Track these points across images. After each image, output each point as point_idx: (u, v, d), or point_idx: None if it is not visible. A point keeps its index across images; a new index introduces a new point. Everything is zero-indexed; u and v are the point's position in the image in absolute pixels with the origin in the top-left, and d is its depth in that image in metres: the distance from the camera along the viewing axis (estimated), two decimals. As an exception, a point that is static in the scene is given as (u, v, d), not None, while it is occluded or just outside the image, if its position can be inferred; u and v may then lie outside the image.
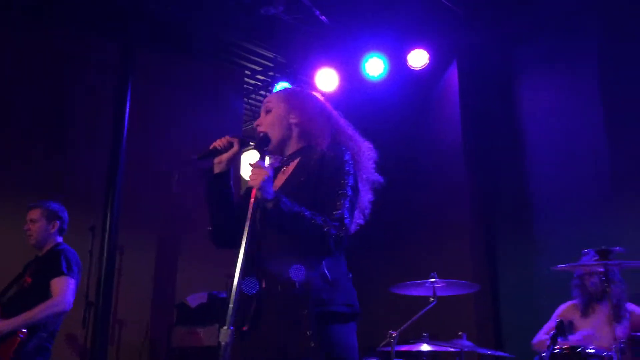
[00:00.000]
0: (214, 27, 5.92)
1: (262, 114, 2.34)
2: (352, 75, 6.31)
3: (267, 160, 2.16)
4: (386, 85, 6.27)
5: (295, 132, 2.29)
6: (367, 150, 2.42)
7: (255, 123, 2.35)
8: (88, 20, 5.53)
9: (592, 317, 4.00)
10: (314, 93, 2.45)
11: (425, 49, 5.86)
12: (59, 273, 3.80)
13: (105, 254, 4.93)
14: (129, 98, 5.42)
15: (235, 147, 2.23)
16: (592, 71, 5.29)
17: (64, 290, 3.77)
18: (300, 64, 6.46)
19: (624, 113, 5.06)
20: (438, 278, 3.98)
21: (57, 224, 4.03)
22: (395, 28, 5.95)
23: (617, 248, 3.34)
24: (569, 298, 4.18)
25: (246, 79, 6.88)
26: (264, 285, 2.04)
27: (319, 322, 1.97)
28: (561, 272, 3.95)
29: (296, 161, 2.25)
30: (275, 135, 2.27)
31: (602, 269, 3.41)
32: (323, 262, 2.05)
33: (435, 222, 5.90)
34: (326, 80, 6.27)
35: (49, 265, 3.86)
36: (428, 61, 5.87)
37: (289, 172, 2.25)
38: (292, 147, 2.30)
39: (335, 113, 2.44)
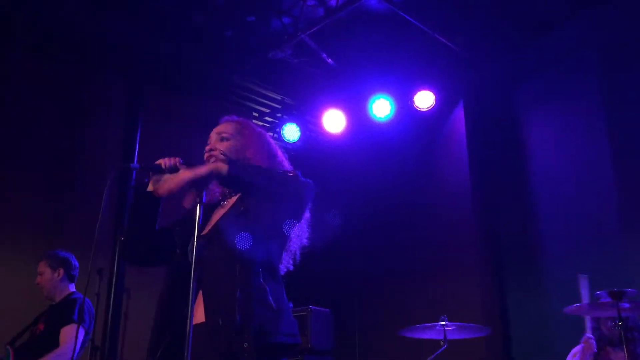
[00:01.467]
0: (222, 68, 6.02)
1: (215, 137, 2.34)
2: (359, 116, 6.36)
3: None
4: (393, 126, 6.32)
5: None
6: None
7: (207, 147, 2.32)
8: (97, 59, 5.63)
9: (606, 360, 3.91)
10: (262, 131, 2.48)
11: (431, 90, 5.91)
12: (69, 321, 3.80)
13: (112, 297, 4.90)
14: (138, 137, 5.47)
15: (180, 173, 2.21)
16: (596, 106, 5.31)
17: (71, 339, 3.76)
18: (308, 105, 6.53)
19: (631, 147, 5.04)
20: (448, 321, 3.92)
21: (62, 271, 4.04)
22: (401, 70, 6.04)
23: (630, 290, 3.28)
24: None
25: (254, 121, 6.95)
26: (203, 319, 1.98)
27: (259, 356, 1.90)
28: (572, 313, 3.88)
29: (238, 196, 2.24)
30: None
31: (615, 314, 3.34)
32: (268, 290, 2.00)
33: (443, 263, 5.84)
34: (333, 121, 6.32)
35: (62, 313, 3.86)
36: (434, 102, 5.91)
37: (229, 205, 2.23)
38: None
39: (280, 153, 2.45)
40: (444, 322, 3.94)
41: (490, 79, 6.04)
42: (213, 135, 2.35)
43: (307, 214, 2.31)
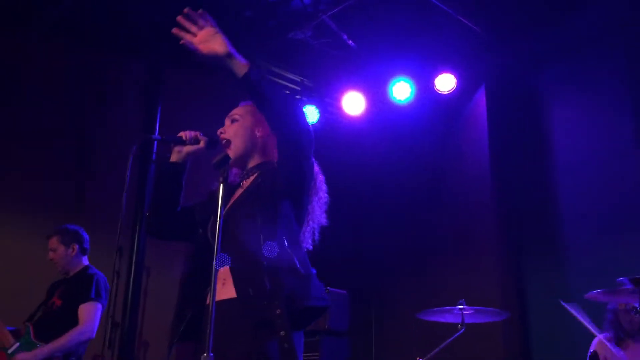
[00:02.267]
0: (241, 49, 5.98)
1: (227, 122, 2.37)
2: (379, 99, 6.31)
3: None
4: (413, 109, 6.26)
5: (259, 144, 2.32)
6: (320, 175, 2.38)
7: (218, 130, 2.36)
8: (117, 39, 5.64)
9: (626, 353, 3.86)
10: None
11: (452, 73, 5.84)
12: (88, 299, 3.87)
13: (132, 275, 4.96)
14: (158, 117, 5.50)
15: (201, 145, 2.28)
16: (622, 90, 5.21)
17: (91, 317, 3.84)
18: (327, 87, 6.49)
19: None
20: (466, 305, 3.91)
21: (76, 246, 4.08)
22: (422, 52, 5.96)
23: (654, 276, 3.24)
24: (602, 326, 4.06)
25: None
26: (233, 294, 2.01)
27: (292, 320, 1.94)
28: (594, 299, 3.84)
29: (255, 175, 2.27)
30: (238, 145, 2.30)
31: (636, 302, 3.29)
32: (294, 257, 2.04)
33: (462, 246, 5.82)
34: (353, 103, 6.28)
35: (79, 289, 3.92)
36: (455, 85, 5.84)
37: (247, 185, 2.27)
38: (254, 160, 2.32)
39: None
40: (462, 306, 3.93)
41: (512, 62, 5.94)
42: (226, 119, 2.40)
43: (323, 194, 2.32)
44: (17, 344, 3.83)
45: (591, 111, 5.49)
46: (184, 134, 2.25)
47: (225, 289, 2.06)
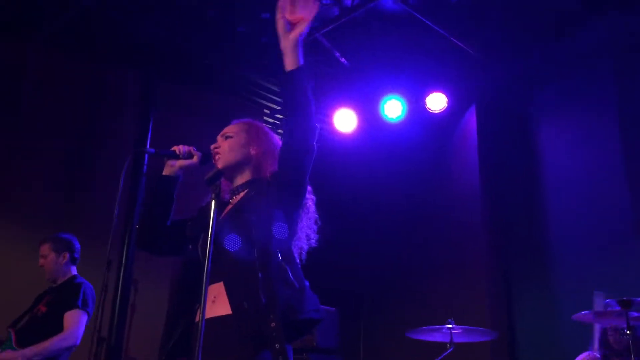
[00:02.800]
0: (235, 64, 6.03)
1: (220, 140, 2.38)
2: (370, 117, 6.35)
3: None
4: (404, 128, 6.30)
5: (251, 163, 2.33)
6: (312, 195, 2.39)
7: (212, 146, 2.36)
8: (111, 53, 5.65)
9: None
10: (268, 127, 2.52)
11: (443, 92, 5.89)
12: (74, 306, 3.84)
13: (120, 289, 4.92)
14: (150, 130, 5.50)
15: (194, 159, 2.29)
16: (611, 113, 5.27)
17: (76, 324, 3.81)
18: (320, 104, 6.52)
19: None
20: (455, 324, 3.91)
21: (67, 255, 4.07)
22: (414, 71, 6.02)
23: (640, 299, 3.26)
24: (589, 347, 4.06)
25: (265, 117, 6.95)
26: (227, 311, 2.00)
27: (287, 333, 1.93)
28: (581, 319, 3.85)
29: (244, 192, 2.28)
30: (231, 159, 2.30)
31: (624, 324, 3.31)
32: (288, 269, 2.04)
33: (451, 266, 5.83)
34: (345, 121, 6.31)
35: (66, 296, 3.89)
36: (446, 105, 5.89)
37: (236, 202, 2.27)
38: (243, 178, 2.32)
39: None
40: (450, 325, 3.93)
41: (503, 83, 6.01)
42: (219, 137, 2.40)
43: (313, 215, 2.33)
44: None
45: (580, 131, 5.54)
46: (178, 149, 2.26)
47: (215, 306, 2.05)
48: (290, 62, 2.15)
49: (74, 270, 4.09)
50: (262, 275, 1.98)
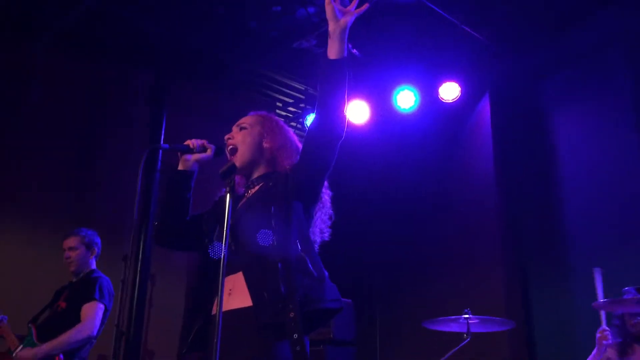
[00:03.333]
0: (246, 59, 6.04)
1: (235, 129, 2.38)
2: (383, 108, 6.32)
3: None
4: (417, 118, 6.28)
5: (265, 156, 2.32)
6: (328, 190, 2.38)
7: (226, 136, 2.36)
8: (122, 51, 5.68)
9: (633, 358, 3.85)
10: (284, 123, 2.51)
11: (456, 81, 5.85)
12: (91, 298, 3.88)
13: (137, 283, 4.97)
14: (164, 128, 5.52)
15: (208, 153, 2.29)
16: (625, 100, 5.22)
17: (92, 315, 3.84)
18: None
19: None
20: (472, 314, 3.90)
21: (96, 250, 4.13)
22: (426, 61, 5.98)
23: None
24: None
25: (277, 111, 6.96)
26: (247, 303, 2.01)
27: (307, 323, 1.94)
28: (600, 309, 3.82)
29: (260, 185, 2.28)
30: (245, 153, 2.30)
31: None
32: (307, 259, 2.04)
33: (467, 256, 5.81)
34: (357, 112, 6.30)
35: (83, 290, 3.94)
36: (459, 94, 5.85)
37: (251, 194, 2.27)
38: (259, 171, 2.33)
39: (299, 143, 2.45)
40: (467, 315, 3.92)
41: (517, 71, 5.95)
42: (234, 127, 2.40)
43: (328, 209, 2.33)
44: (21, 346, 3.86)
45: (594, 120, 5.49)
46: (191, 142, 2.28)
47: (232, 298, 2.06)
48: (335, 50, 2.15)
49: (93, 265, 4.15)
50: (282, 265, 1.98)
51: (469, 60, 5.89)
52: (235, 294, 2.06)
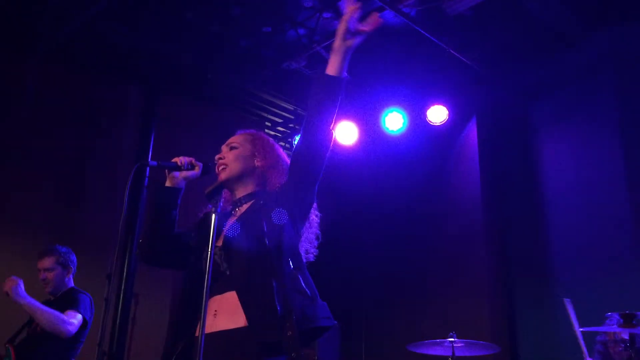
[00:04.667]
0: (236, 77, 6.06)
1: (225, 149, 2.38)
2: (371, 129, 6.36)
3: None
4: (405, 140, 6.31)
5: (256, 174, 2.33)
6: (316, 211, 2.37)
7: (217, 156, 2.36)
8: (113, 66, 5.68)
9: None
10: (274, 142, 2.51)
11: (444, 104, 5.91)
12: (71, 308, 3.79)
13: (120, 302, 4.91)
14: (152, 143, 5.51)
15: (196, 170, 2.28)
16: (612, 124, 5.28)
17: (71, 317, 3.75)
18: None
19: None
20: (457, 337, 3.89)
21: (72, 268, 4.04)
22: (414, 84, 6.04)
23: (642, 312, 3.24)
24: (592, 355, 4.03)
25: (267, 130, 6.98)
26: (241, 323, 1.99)
27: (302, 341, 1.93)
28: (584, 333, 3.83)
29: (249, 203, 2.27)
30: (235, 170, 2.30)
31: (626, 336, 3.30)
32: (300, 278, 2.04)
33: (453, 279, 5.81)
34: (346, 133, 6.33)
35: (64, 305, 3.83)
36: (447, 117, 5.91)
37: (241, 213, 2.26)
38: (246, 189, 2.32)
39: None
40: (452, 339, 3.91)
41: (504, 95, 6.02)
42: (223, 147, 2.40)
43: (315, 229, 2.33)
44: None
45: (581, 144, 5.54)
46: (179, 160, 2.27)
47: (218, 320, 2.04)
48: (336, 67, 2.16)
49: (71, 283, 4.06)
50: (277, 284, 1.98)
51: (457, 84, 5.96)
52: (222, 315, 2.04)
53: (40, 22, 5.05)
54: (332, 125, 2.14)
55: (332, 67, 2.16)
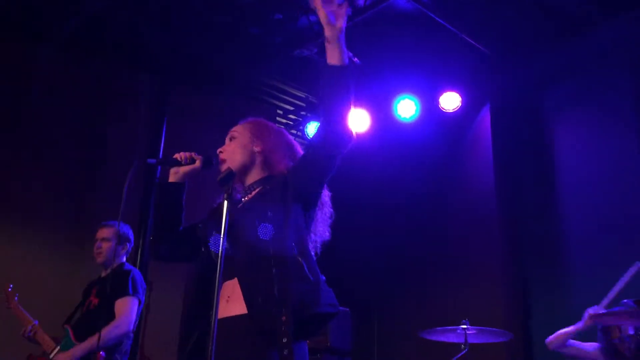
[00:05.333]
0: (247, 66, 6.05)
1: (227, 140, 2.38)
2: (384, 117, 6.33)
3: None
4: (418, 127, 6.28)
5: (258, 160, 2.32)
6: (326, 190, 2.36)
7: (218, 150, 2.36)
8: (124, 57, 5.69)
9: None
10: (277, 125, 2.50)
11: (457, 91, 5.86)
12: (124, 294, 3.81)
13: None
14: (164, 134, 5.52)
15: (197, 164, 2.29)
16: (628, 111, 5.21)
17: (127, 311, 3.79)
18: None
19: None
20: (470, 325, 3.88)
21: (127, 246, 4.11)
22: (427, 70, 5.99)
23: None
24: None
25: (278, 118, 6.97)
26: (243, 310, 1.99)
27: (302, 327, 1.93)
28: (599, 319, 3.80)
29: (257, 190, 2.27)
30: (236, 161, 2.30)
31: (632, 331, 3.24)
32: (304, 264, 2.02)
33: (466, 265, 5.80)
34: (358, 121, 6.30)
35: (115, 285, 3.86)
36: (460, 104, 5.86)
37: (248, 199, 2.27)
38: (254, 176, 2.32)
39: (297, 145, 2.44)
40: (465, 326, 3.90)
41: (518, 81, 5.96)
42: (227, 138, 2.41)
43: (328, 209, 2.32)
44: (58, 347, 3.81)
45: (596, 131, 5.48)
46: (179, 155, 2.28)
47: (230, 305, 2.05)
48: (337, 56, 2.08)
49: (123, 259, 4.10)
50: (276, 271, 1.97)
51: (470, 70, 5.90)
52: (234, 300, 2.05)
53: (52, 11, 5.06)
54: (347, 118, 2.07)
55: (333, 57, 2.08)
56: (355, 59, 6.45)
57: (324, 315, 2.01)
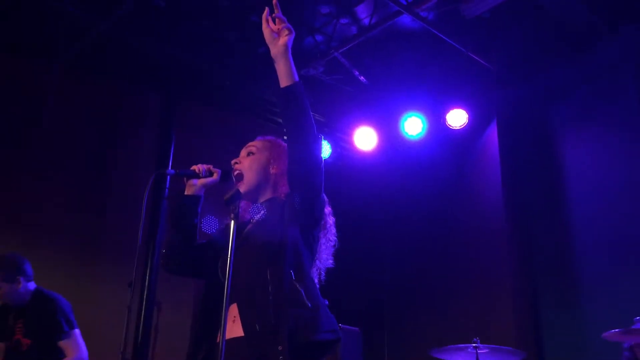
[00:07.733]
0: (254, 84, 6.08)
1: (243, 153, 2.39)
2: (391, 134, 6.34)
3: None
4: (425, 145, 6.27)
5: (271, 181, 2.33)
6: (331, 217, 2.37)
7: (233, 160, 2.36)
8: (132, 74, 5.74)
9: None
10: None
11: (464, 108, 5.86)
12: (63, 333, 3.61)
13: (143, 310, 4.94)
14: (172, 150, 5.55)
15: (215, 177, 2.27)
16: (634, 126, 5.19)
17: (76, 346, 3.66)
18: (339, 122, 6.54)
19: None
20: (481, 343, 3.84)
21: (20, 280, 3.66)
22: (433, 88, 6.01)
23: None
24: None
25: (285, 137, 6.97)
26: (242, 333, 1.98)
27: (300, 356, 1.90)
28: (611, 339, 3.75)
29: (263, 211, 2.29)
30: (251, 178, 2.31)
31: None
32: (301, 290, 2.01)
33: (476, 283, 5.75)
34: (365, 139, 6.31)
35: (45, 324, 3.62)
36: (467, 121, 5.86)
37: (255, 221, 2.27)
38: (265, 195, 2.33)
39: None
40: (476, 344, 3.86)
41: (524, 97, 5.96)
42: (242, 150, 2.41)
43: (332, 236, 2.32)
44: None
45: (603, 145, 5.46)
46: (197, 167, 2.27)
47: (235, 326, 2.04)
48: (285, 74, 2.17)
49: (32, 286, 3.74)
50: (273, 297, 1.96)
51: (476, 87, 5.91)
52: (238, 321, 2.04)
53: (61, 30, 5.12)
54: (313, 134, 2.12)
55: (283, 76, 2.17)
56: (362, 78, 6.50)
57: (323, 342, 1.98)
